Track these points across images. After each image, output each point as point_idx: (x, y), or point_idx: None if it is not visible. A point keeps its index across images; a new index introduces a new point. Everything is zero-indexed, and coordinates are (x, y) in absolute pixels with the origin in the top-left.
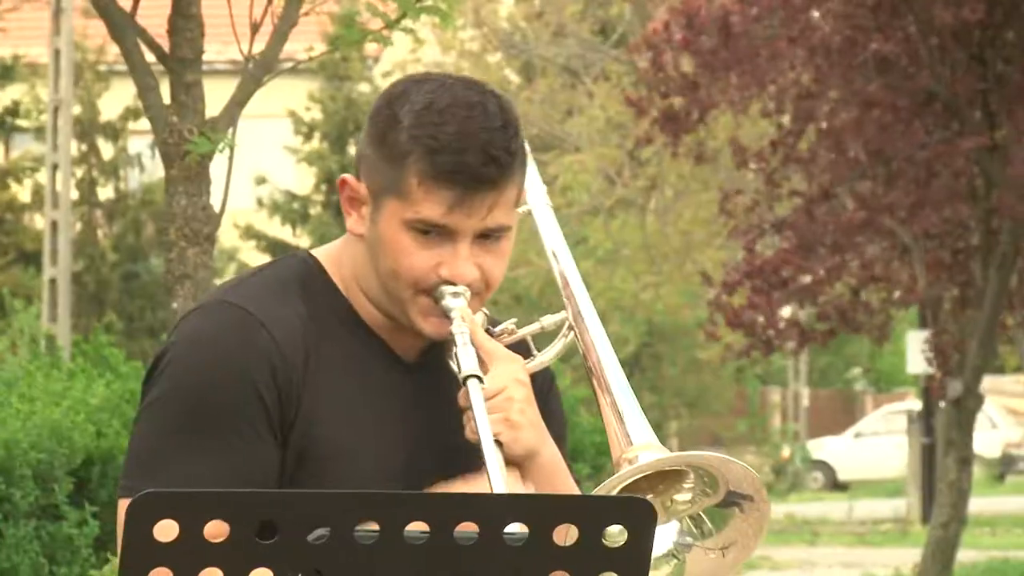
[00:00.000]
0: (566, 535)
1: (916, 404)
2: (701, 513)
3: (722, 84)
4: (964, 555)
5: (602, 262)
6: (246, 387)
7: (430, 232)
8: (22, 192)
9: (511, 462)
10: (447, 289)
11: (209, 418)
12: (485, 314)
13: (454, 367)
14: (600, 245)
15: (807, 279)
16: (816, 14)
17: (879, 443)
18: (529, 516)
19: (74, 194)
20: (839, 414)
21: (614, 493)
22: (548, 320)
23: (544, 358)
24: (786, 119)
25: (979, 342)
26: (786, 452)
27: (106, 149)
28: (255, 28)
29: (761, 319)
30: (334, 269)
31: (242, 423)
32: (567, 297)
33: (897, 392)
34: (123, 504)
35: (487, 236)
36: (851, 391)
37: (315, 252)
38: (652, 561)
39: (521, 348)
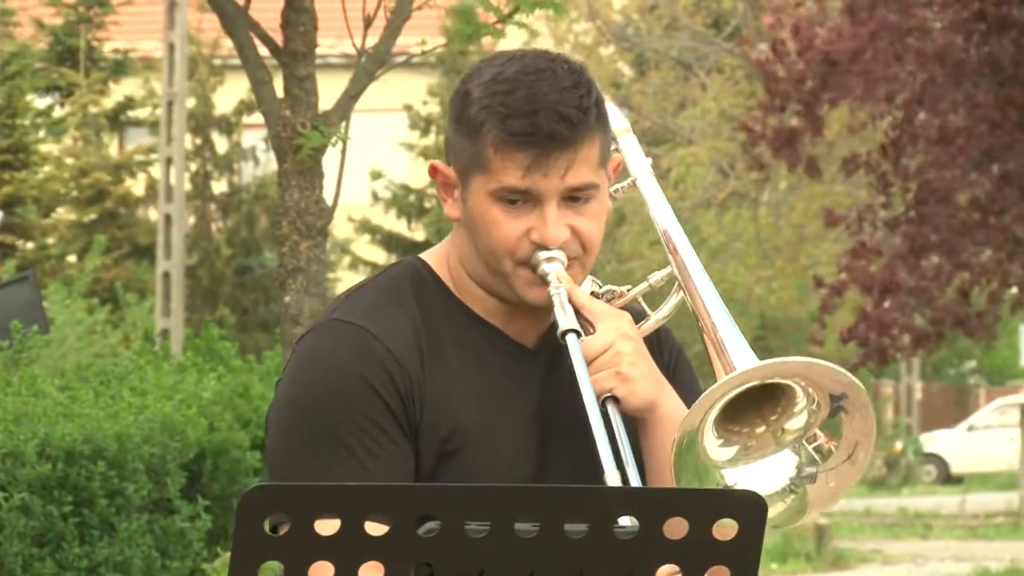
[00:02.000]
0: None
1: None
2: (818, 432)
3: (835, 95)
4: None
5: (715, 255)
6: (366, 393)
7: (516, 200)
8: (136, 186)
9: (630, 415)
10: (542, 255)
11: (336, 429)
12: (594, 281)
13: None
14: (713, 238)
15: (919, 282)
16: (934, 22)
17: (992, 436)
18: (639, 509)
19: (188, 188)
20: (952, 407)
21: (715, 412)
22: (655, 277)
23: (659, 315)
24: (896, 122)
25: None
26: (899, 446)
27: (220, 143)
28: (368, 22)
29: (873, 334)
30: (443, 268)
31: (370, 427)
32: (671, 251)
33: (1010, 385)
34: None
35: (575, 199)
36: (964, 384)
37: (423, 256)
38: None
39: (633, 310)
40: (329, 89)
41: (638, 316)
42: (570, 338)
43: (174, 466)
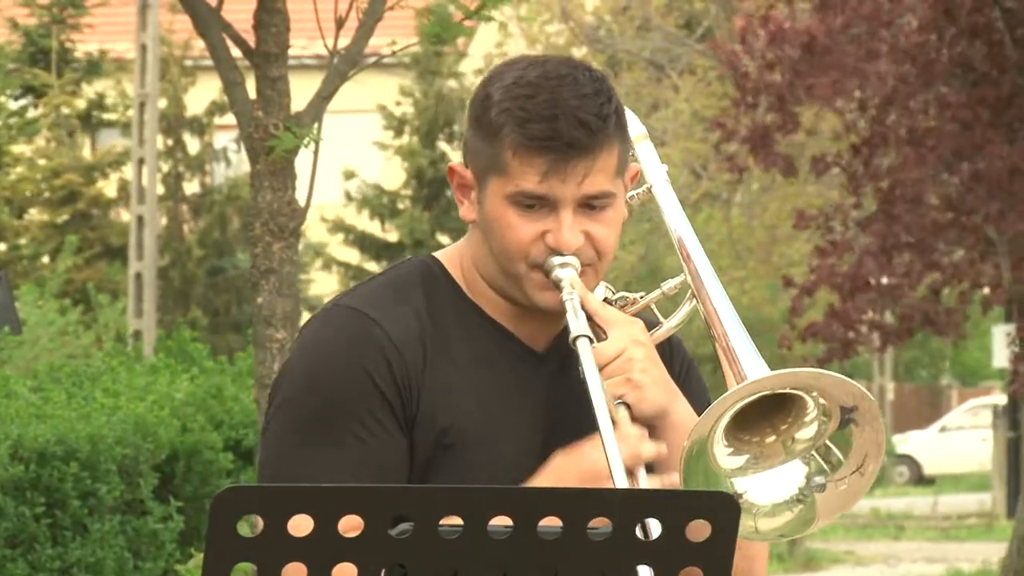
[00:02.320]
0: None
1: (1001, 398)
2: (828, 444)
3: (808, 91)
4: None
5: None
6: (363, 381)
7: (533, 205)
8: (108, 187)
9: (641, 422)
10: (556, 260)
11: (330, 415)
12: (607, 287)
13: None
14: None
15: (889, 280)
16: (908, 19)
17: (964, 437)
18: (612, 511)
19: (160, 189)
20: (924, 408)
21: (725, 420)
22: (668, 285)
23: (671, 323)
24: (866, 123)
25: None
26: None
27: (192, 144)
28: (340, 23)
29: (839, 328)
30: (455, 268)
31: (364, 416)
32: (684, 259)
33: (982, 386)
34: None
35: (591, 206)
36: (936, 385)
37: (437, 254)
38: (771, 508)
39: (646, 317)
40: (301, 90)
41: (650, 324)
42: (581, 343)
43: (147, 467)
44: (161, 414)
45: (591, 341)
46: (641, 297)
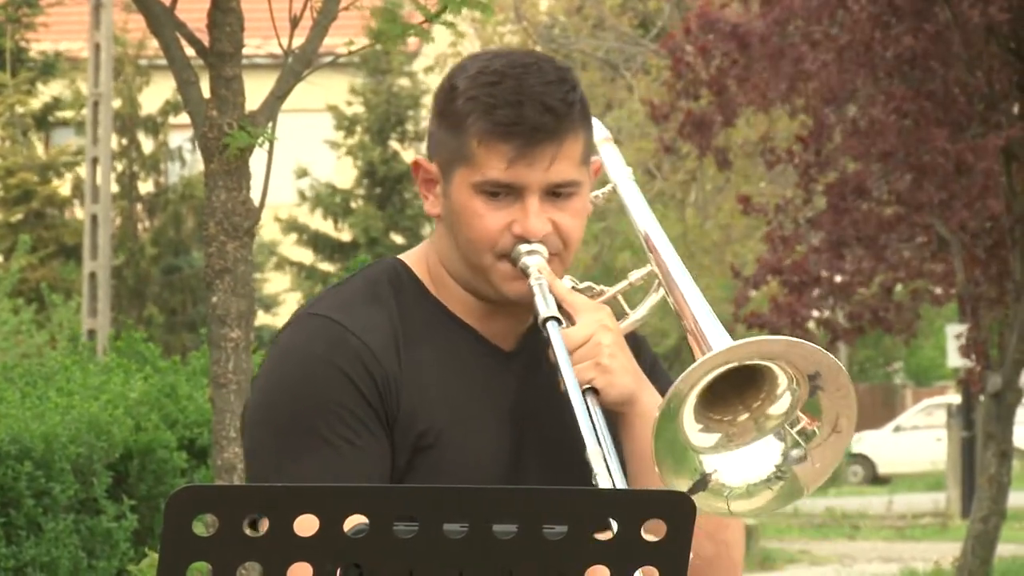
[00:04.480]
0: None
1: (956, 398)
2: (799, 414)
3: (747, 85)
4: (1004, 549)
5: (641, 256)
6: (342, 383)
7: (499, 193)
8: (62, 186)
9: (609, 409)
10: (523, 248)
11: (311, 420)
12: (572, 279)
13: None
14: (639, 238)
15: (839, 278)
16: (843, 15)
17: (919, 437)
18: (567, 511)
19: (114, 188)
20: (879, 408)
21: (694, 396)
22: (635, 276)
23: (637, 316)
24: (810, 117)
25: (1018, 336)
26: None
27: (147, 143)
28: (295, 22)
29: (785, 324)
30: (421, 268)
31: (347, 417)
32: (651, 251)
33: (937, 386)
34: None
35: (557, 194)
36: (890, 385)
37: (402, 256)
38: (746, 489)
39: (612, 309)
40: (256, 89)
41: (616, 315)
42: (551, 325)
43: (100, 466)
44: (115, 413)
45: (560, 323)
46: (607, 289)
